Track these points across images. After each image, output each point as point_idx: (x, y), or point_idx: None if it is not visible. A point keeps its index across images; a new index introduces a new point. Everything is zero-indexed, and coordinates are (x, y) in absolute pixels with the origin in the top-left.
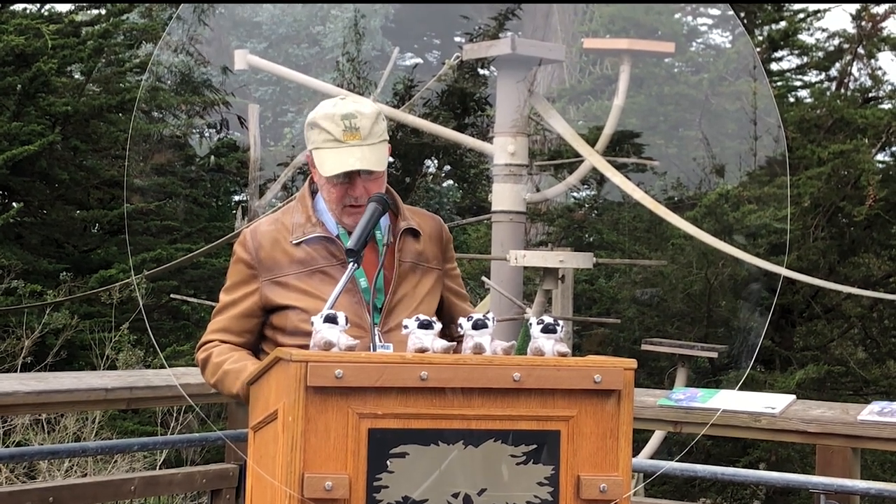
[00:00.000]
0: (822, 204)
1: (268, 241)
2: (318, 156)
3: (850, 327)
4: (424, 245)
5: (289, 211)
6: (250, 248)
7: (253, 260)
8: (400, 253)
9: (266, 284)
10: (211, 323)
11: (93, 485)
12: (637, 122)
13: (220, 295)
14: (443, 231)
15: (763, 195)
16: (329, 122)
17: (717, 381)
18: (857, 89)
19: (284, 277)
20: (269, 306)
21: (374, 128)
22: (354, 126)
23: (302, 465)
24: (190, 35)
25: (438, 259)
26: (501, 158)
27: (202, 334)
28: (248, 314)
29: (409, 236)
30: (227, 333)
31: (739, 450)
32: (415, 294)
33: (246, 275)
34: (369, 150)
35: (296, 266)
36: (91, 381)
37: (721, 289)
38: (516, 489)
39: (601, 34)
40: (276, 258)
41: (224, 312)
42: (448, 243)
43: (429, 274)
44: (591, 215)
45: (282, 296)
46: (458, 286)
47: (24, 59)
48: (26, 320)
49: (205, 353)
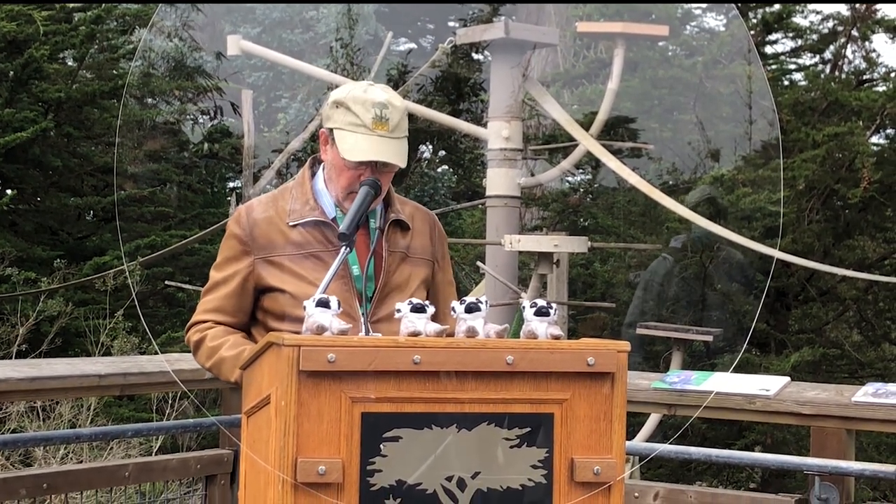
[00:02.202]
0: (816, 187)
1: (263, 220)
2: (341, 137)
3: (845, 310)
4: (414, 238)
5: (286, 191)
6: (244, 224)
7: (246, 237)
8: (388, 243)
9: (259, 262)
10: (201, 302)
11: (87, 471)
12: (631, 106)
13: (211, 272)
14: (435, 226)
15: (758, 178)
16: (360, 107)
17: (713, 365)
18: (852, 72)
19: (278, 258)
20: (260, 286)
21: (402, 122)
22: (385, 116)
23: (295, 449)
24: (183, 20)
25: (429, 252)
26: (496, 143)
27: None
28: (240, 292)
29: (397, 228)
30: (220, 314)
31: (735, 433)
32: (407, 285)
33: (238, 251)
34: (396, 143)
35: (290, 247)
36: (84, 367)
37: (716, 272)
38: (510, 472)
39: (595, 18)
40: (270, 237)
41: (215, 291)
42: (441, 240)
43: (420, 266)
44: (586, 200)
45: (274, 276)
46: (448, 282)
47: (15, 45)
48: (21, 308)
49: (198, 336)
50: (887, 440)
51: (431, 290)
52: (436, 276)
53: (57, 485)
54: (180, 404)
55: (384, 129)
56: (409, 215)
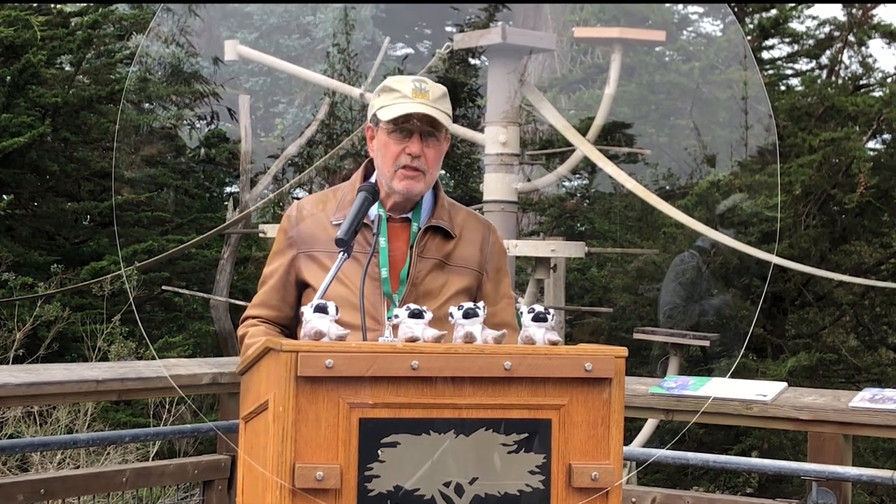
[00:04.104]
0: (813, 192)
1: (310, 216)
2: (383, 112)
3: (841, 315)
4: (459, 246)
5: (340, 189)
6: (293, 219)
7: (293, 230)
8: (422, 249)
9: (301, 256)
10: (255, 297)
11: (84, 476)
12: (628, 111)
13: (264, 269)
14: (490, 236)
15: (754, 183)
16: (399, 84)
17: (710, 370)
18: (849, 77)
19: (318, 253)
20: (300, 279)
21: (443, 98)
22: (424, 89)
23: (293, 455)
24: (180, 26)
25: (475, 262)
26: (493, 148)
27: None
28: (284, 285)
29: (438, 234)
30: (266, 308)
31: (732, 438)
32: (440, 293)
33: (284, 244)
34: (437, 110)
35: (330, 244)
36: (82, 372)
37: (713, 277)
38: (508, 478)
39: (592, 23)
40: (314, 233)
41: (264, 285)
42: (496, 251)
43: (461, 275)
44: (583, 204)
45: (311, 272)
46: (503, 295)
47: (13, 50)
48: (18, 313)
49: (243, 331)
50: (884, 445)
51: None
52: (483, 287)
53: (54, 490)
54: (178, 409)
55: (424, 98)
56: (459, 223)
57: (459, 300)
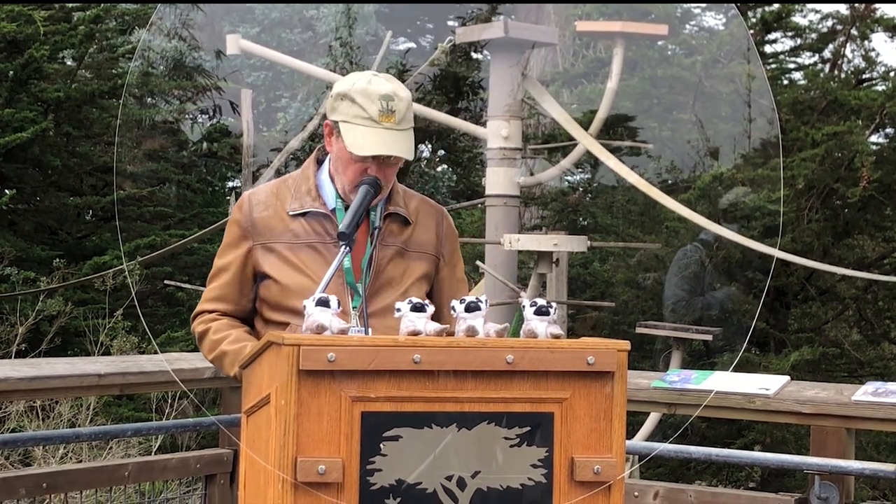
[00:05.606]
0: (815, 186)
1: (264, 206)
2: (347, 130)
3: (844, 309)
4: (415, 232)
5: (291, 179)
6: (246, 210)
7: (246, 222)
8: (382, 237)
9: (257, 248)
10: (206, 291)
11: (87, 470)
12: (631, 105)
13: (214, 260)
14: (443, 221)
15: (757, 177)
16: (365, 99)
17: (712, 364)
18: (851, 71)
19: (275, 244)
20: (257, 271)
21: (408, 113)
22: (391, 108)
23: (295, 448)
24: (182, 20)
25: (432, 247)
26: (495, 142)
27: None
28: (241, 279)
29: (395, 221)
30: (222, 302)
31: (734, 432)
32: (401, 280)
33: (237, 236)
34: (403, 135)
35: (288, 236)
36: (84, 366)
37: (716, 271)
38: (510, 471)
39: (594, 17)
40: (270, 224)
41: (217, 279)
42: (449, 235)
43: (419, 260)
44: (586, 199)
45: (269, 263)
46: (458, 279)
47: (15, 45)
48: (20, 307)
49: (202, 327)
50: (887, 439)
51: (436, 286)
52: (440, 272)
53: (56, 484)
54: (180, 404)
55: (391, 122)
56: (413, 209)
57: (420, 287)
